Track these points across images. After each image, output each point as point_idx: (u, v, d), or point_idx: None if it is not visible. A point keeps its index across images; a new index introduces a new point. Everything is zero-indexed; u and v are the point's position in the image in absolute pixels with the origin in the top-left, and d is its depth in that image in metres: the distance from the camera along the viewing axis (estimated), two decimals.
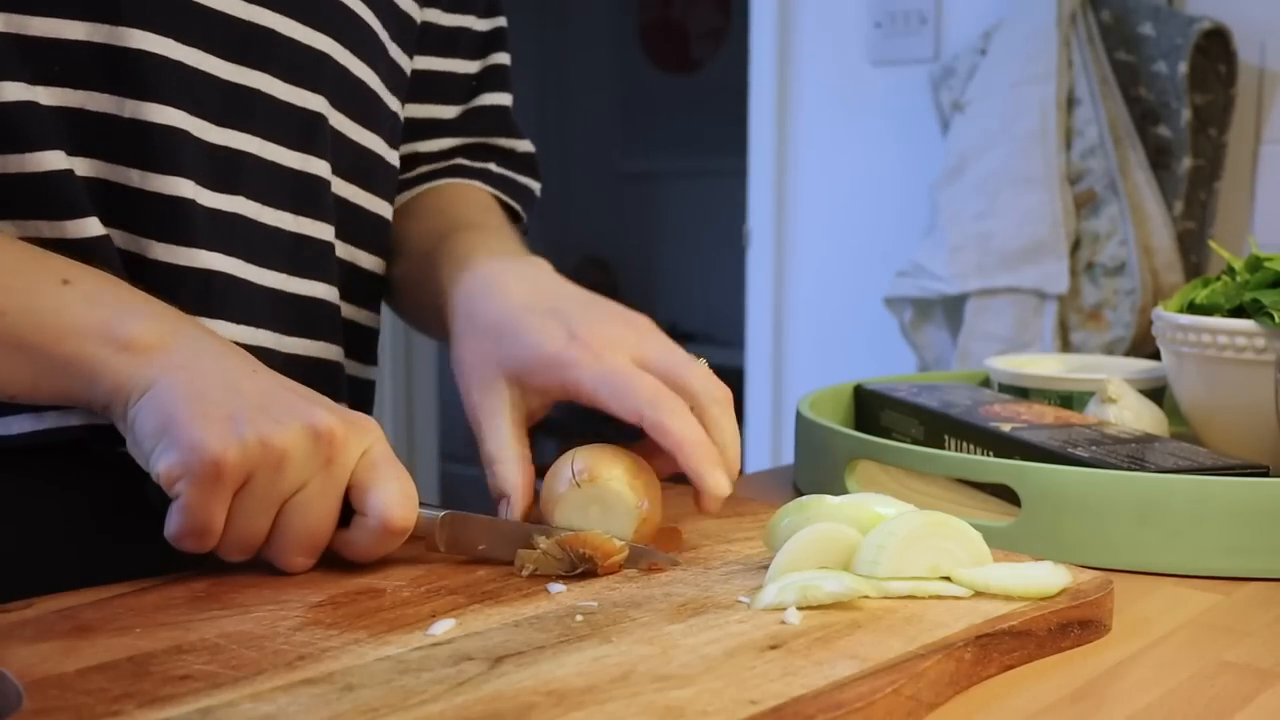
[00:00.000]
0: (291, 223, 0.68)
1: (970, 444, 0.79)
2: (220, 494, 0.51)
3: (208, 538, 0.53)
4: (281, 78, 0.66)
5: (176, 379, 0.53)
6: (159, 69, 0.60)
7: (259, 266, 0.66)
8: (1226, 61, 1.58)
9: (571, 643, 0.47)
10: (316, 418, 0.53)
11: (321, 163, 0.69)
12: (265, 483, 0.52)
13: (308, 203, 0.69)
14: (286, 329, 0.68)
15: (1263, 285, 0.81)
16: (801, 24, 2.11)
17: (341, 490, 0.54)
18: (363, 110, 0.73)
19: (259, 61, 0.65)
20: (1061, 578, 0.54)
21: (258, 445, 0.51)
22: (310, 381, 0.69)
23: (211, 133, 0.63)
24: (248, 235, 0.65)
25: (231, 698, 0.41)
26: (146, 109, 0.60)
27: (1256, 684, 0.49)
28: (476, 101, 0.85)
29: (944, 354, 1.76)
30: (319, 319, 0.71)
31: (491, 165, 0.86)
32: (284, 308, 0.68)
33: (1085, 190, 1.59)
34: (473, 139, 0.86)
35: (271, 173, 0.66)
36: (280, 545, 0.54)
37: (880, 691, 0.43)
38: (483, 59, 0.86)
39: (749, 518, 0.67)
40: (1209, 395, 0.83)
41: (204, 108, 0.63)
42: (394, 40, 0.75)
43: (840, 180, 2.09)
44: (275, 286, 0.67)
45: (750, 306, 2.23)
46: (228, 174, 0.64)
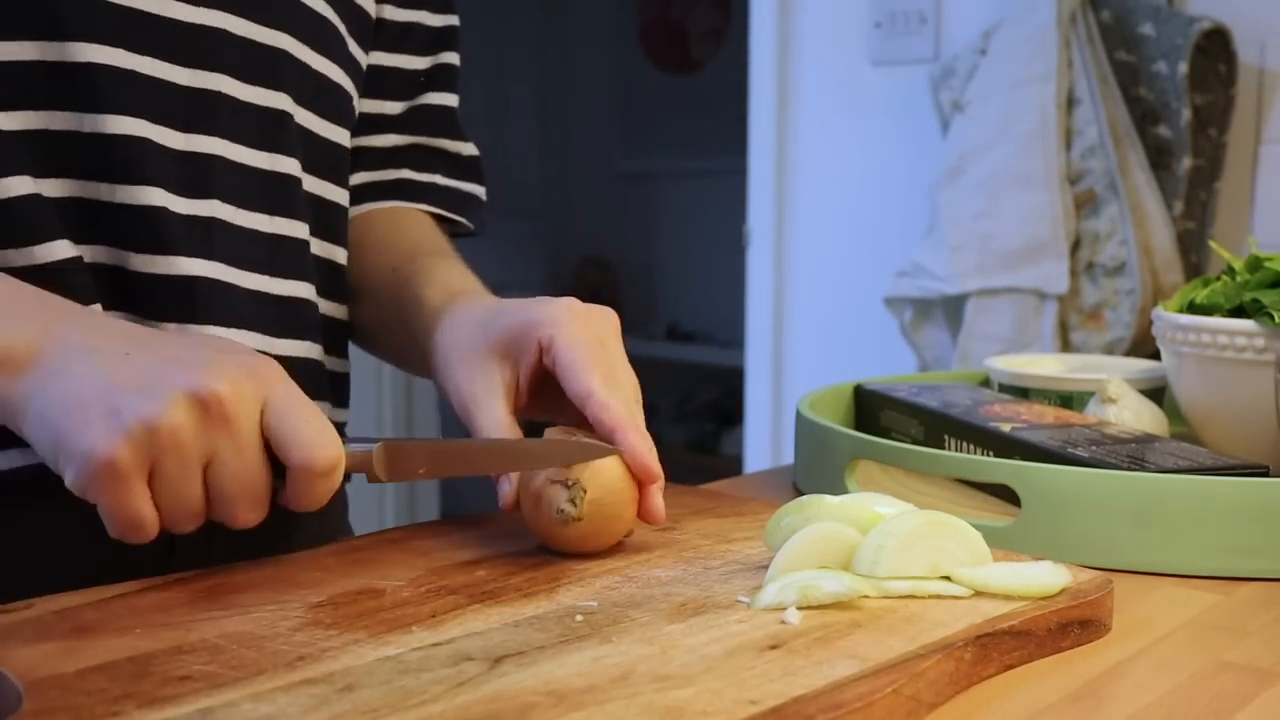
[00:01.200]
0: (267, 223, 0.68)
1: (970, 444, 0.79)
2: (130, 489, 0.50)
3: (145, 528, 0.51)
4: (240, 78, 0.66)
5: (52, 391, 0.51)
6: (113, 80, 0.60)
7: (240, 269, 0.66)
8: (1226, 61, 1.58)
9: (571, 643, 0.47)
10: (198, 384, 0.51)
11: (291, 161, 0.69)
12: (171, 465, 0.51)
13: (281, 202, 0.69)
14: (272, 331, 0.68)
15: (1263, 285, 0.81)
16: (801, 24, 2.11)
17: (255, 445, 0.52)
18: (328, 105, 0.72)
19: (213, 64, 0.64)
20: (1061, 577, 0.54)
21: (144, 433, 0.50)
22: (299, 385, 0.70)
23: (177, 139, 0.63)
24: (226, 239, 0.65)
25: (231, 698, 0.41)
26: (106, 121, 0.60)
27: (1256, 684, 0.49)
28: (422, 99, 0.84)
29: (944, 354, 1.76)
30: (301, 318, 0.71)
31: (438, 178, 0.85)
32: (268, 310, 0.68)
33: (1085, 190, 1.59)
34: (417, 138, 0.85)
35: (242, 175, 0.66)
36: (221, 509, 0.53)
37: (880, 691, 0.43)
38: (433, 56, 0.84)
39: (749, 518, 0.67)
40: (1209, 395, 0.83)
41: (165, 115, 0.62)
42: (352, 36, 0.75)
43: (840, 180, 2.09)
44: (257, 289, 0.67)
45: (750, 306, 2.23)
46: (199, 179, 0.64)
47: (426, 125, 0.85)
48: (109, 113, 0.60)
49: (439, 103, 0.85)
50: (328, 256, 0.75)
